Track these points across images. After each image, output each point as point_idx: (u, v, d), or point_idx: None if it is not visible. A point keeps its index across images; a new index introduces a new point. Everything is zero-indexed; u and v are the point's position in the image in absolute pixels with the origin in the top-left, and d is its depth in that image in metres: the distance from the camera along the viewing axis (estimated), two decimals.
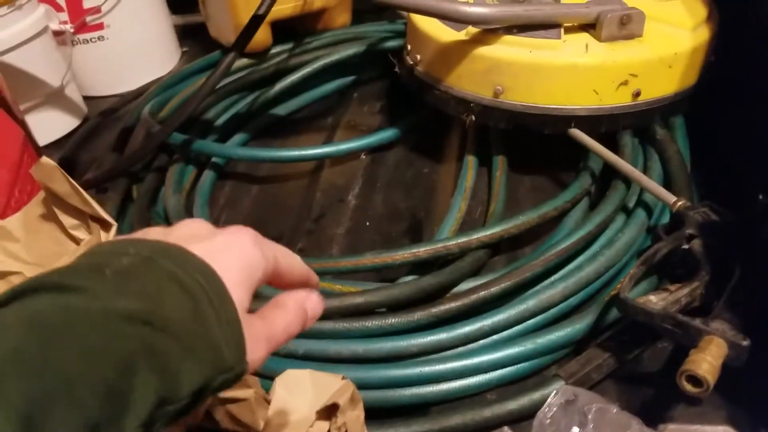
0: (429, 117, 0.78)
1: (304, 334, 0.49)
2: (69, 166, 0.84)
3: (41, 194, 0.39)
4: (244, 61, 0.93)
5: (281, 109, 0.88)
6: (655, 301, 0.43)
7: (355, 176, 0.75)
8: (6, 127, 0.55)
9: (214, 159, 0.78)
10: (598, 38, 0.61)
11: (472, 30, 0.63)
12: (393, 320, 0.49)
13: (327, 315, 0.50)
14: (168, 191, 0.71)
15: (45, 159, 0.36)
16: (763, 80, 0.59)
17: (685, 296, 0.43)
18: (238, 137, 0.83)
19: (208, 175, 0.76)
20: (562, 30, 0.62)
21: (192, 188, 0.75)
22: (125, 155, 0.79)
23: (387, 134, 0.76)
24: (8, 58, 0.83)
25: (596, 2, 0.62)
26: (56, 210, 0.39)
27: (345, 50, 0.90)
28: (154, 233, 0.29)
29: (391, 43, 0.90)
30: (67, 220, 0.39)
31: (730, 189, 0.57)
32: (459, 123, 0.77)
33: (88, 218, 0.38)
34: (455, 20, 0.61)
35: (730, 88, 0.64)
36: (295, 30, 0.97)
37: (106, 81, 1.00)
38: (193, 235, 0.29)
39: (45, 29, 0.87)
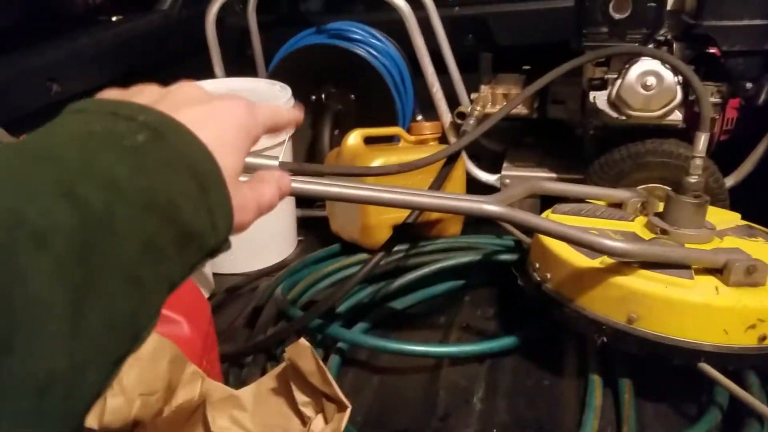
0: (545, 329, 0.83)
1: None
2: None
3: (278, 368, 0.44)
4: (361, 255, 1.02)
5: (398, 304, 0.94)
6: None
7: (476, 379, 0.78)
8: (198, 298, 0.62)
9: (339, 344, 0.82)
10: (726, 282, 0.67)
11: (608, 260, 0.70)
12: None
13: None
14: None
15: (303, 340, 0.42)
16: None
17: None
18: (360, 326, 0.88)
19: (334, 360, 0.80)
20: (693, 271, 0.68)
21: None
22: (257, 331, 0.85)
23: (508, 341, 0.81)
24: None
25: (723, 250, 0.70)
26: (293, 386, 0.43)
27: (460, 257, 0.98)
28: (150, 93, 0.31)
29: (502, 256, 0.98)
30: (300, 397, 0.43)
31: None
32: (577, 339, 0.81)
33: (321, 397, 0.42)
34: (599, 252, 0.68)
35: None
36: (410, 234, 1.06)
37: (233, 260, 1.09)
38: (188, 100, 0.30)
39: None
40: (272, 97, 1.07)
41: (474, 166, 1.11)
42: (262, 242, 1.10)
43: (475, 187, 1.12)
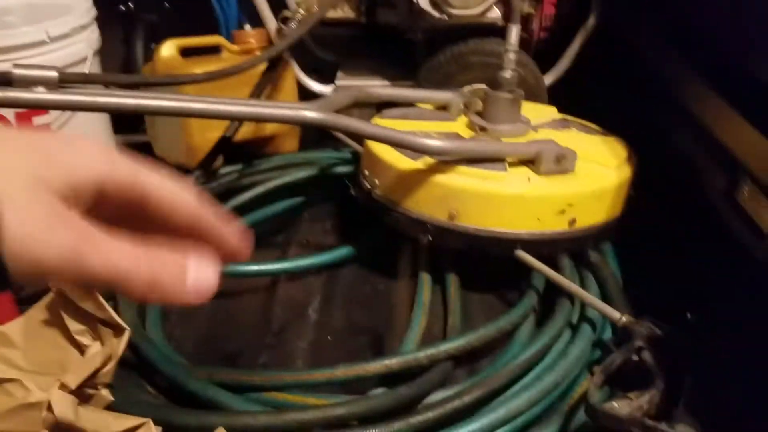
0: (381, 236, 0.83)
1: None
2: None
3: (47, 298, 0.39)
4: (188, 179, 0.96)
5: None
6: (619, 407, 0.48)
7: (312, 292, 0.77)
8: None
9: None
10: (537, 172, 0.70)
11: (428, 160, 0.70)
12: (374, 431, 0.51)
13: (309, 427, 0.51)
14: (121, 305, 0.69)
15: None
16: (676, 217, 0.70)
17: (646, 403, 0.48)
18: None
19: None
20: (507, 164, 0.70)
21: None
22: None
23: (343, 252, 0.80)
24: None
25: (535, 141, 0.72)
26: (63, 314, 0.38)
27: (296, 173, 0.95)
28: None
29: (339, 169, 0.97)
30: (74, 325, 0.38)
31: (659, 308, 0.64)
32: (411, 242, 0.82)
33: (97, 323, 0.38)
34: (418, 151, 0.68)
35: (649, 217, 0.74)
36: (243, 152, 1.01)
37: None
38: None
39: None
40: (67, 7, 0.94)
41: (305, 76, 1.06)
42: None
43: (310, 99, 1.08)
